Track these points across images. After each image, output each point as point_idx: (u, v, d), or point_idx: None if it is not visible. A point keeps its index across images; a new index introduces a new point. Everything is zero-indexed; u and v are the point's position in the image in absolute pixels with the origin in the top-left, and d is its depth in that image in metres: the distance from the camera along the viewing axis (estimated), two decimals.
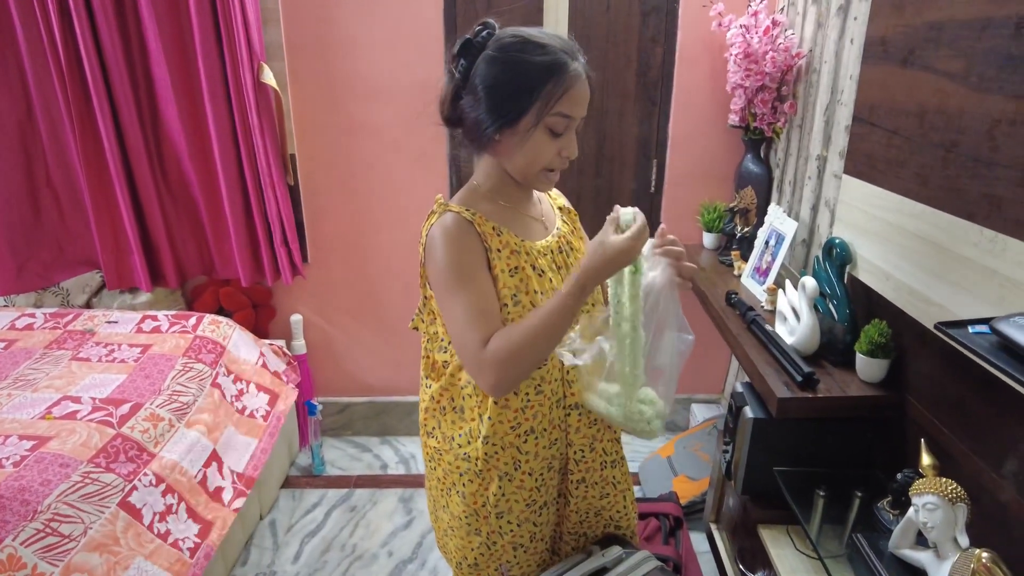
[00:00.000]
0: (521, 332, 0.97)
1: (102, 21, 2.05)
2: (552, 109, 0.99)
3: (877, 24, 1.48)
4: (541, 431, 1.13)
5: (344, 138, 2.36)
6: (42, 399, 1.75)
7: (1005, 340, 0.89)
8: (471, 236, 1.04)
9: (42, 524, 1.35)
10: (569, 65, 0.99)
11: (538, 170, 1.05)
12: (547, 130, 1.01)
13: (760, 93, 2.05)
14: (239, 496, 1.86)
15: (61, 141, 2.27)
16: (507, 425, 1.11)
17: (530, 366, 1.00)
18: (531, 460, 1.14)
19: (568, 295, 0.97)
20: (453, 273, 1.02)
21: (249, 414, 2.11)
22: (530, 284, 1.06)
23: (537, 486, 1.17)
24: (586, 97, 1.02)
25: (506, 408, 1.10)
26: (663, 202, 2.45)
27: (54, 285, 2.44)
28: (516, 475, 1.14)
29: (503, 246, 1.06)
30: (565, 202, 1.28)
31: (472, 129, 1.05)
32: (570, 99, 0.99)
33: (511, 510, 1.16)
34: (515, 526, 1.18)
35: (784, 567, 1.41)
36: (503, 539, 1.19)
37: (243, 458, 1.98)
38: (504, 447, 1.12)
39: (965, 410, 1.20)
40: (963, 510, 1.05)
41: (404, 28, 2.23)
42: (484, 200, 1.10)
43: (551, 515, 1.23)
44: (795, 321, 1.55)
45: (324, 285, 2.56)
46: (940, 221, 1.24)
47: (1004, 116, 1.08)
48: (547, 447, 1.15)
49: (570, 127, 1.03)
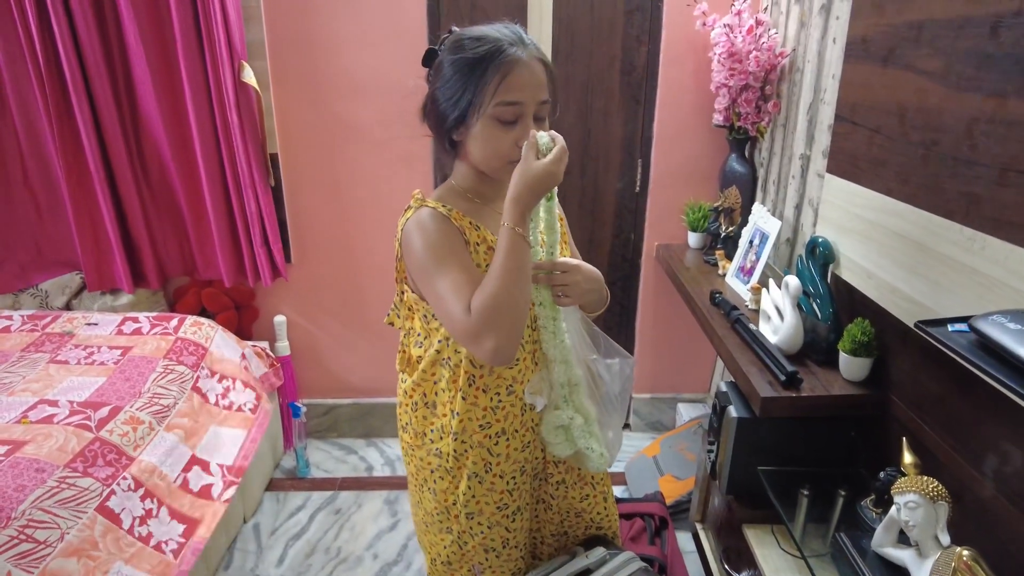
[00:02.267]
0: (492, 279, 0.95)
1: (80, 17, 2.02)
2: (493, 99, 0.96)
3: (858, 24, 1.49)
4: (513, 432, 1.13)
5: (328, 138, 2.34)
6: (18, 403, 1.72)
7: (983, 338, 0.89)
8: (449, 227, 1.04)
9: (16, 531, 1.33)
10: (505, 51, 0.96)
11: (502, 164, 1.03)
12: (496, 121, 0.98)
13: (744, 92, 2.05)
14: (229, 486, 1.85)
15: (38, 139, 2.23)
16: (476, 423, 1.10)
17: (515, 312, 0.96)
18: (503, 463, 1.13)
19: (513, 226, 0.95)
20: (432, 255, 1.01)
21: (237, 408, 2.09)
22: None
23: (509, 489, 1.16)
24: (533, 81, 0.98)
25: (475, 406, 1.09)
26: (648, 201, 2.45)
27: (32, 287, 2.40)
28: (487, 477, 1.14)
29: (480, 241, 1.06)
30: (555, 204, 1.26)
31: (436, 131, 1.07)
32: (510, 85, 0.96)
33: (481, 512, 1.16)
34: (486, 528, 1.17)
35: (769, 567, 1.41)
36: (473, 540, 1.18)
37: (232, 451, 1.95)
38: (473, 446, 1.11)
39: (946, 408, 1.21)
40: (944, 508, 1.05)
41: (388, 27, 2.21)
42: (460, 198, 1.11)
43: (525, 521, 1.22)
44: (779, 320, 1.55)
45: (308, 286, 2.54)
46: (921, 220, 1.24)
47: (982, 115, 1.08)
48: (519, 450, 1.14)
49: (524, 115, 0.99)
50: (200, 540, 1.66)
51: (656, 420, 2.76)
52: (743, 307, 1.78)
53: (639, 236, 2.51)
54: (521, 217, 0.96)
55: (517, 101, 0.98)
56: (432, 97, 1.05)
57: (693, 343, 2.61)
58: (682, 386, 2.73)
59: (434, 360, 1.12)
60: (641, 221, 2.49)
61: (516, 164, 0.99)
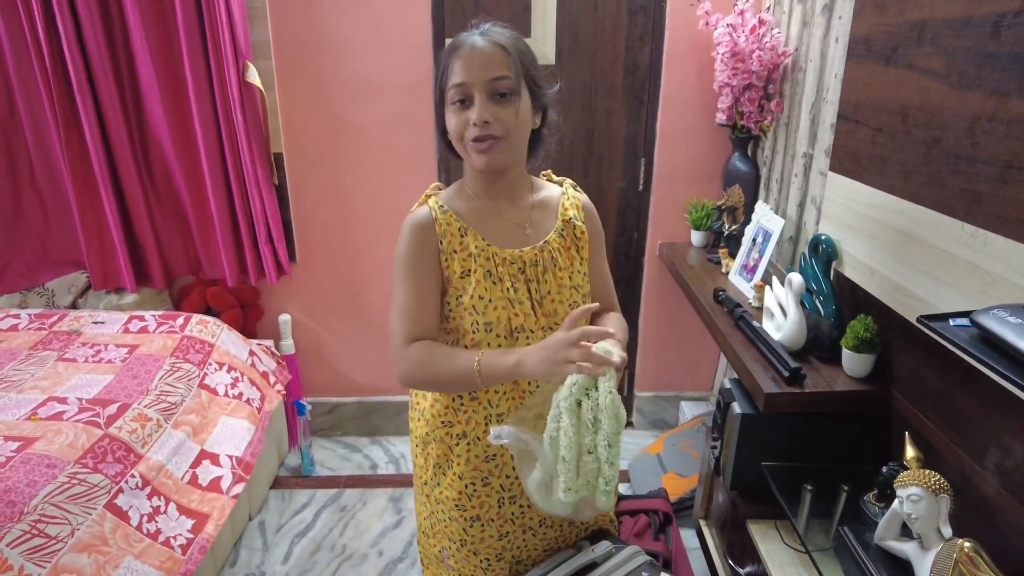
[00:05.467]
0: (437, 366, 1.04)
1: (86, 18, 2.04)
2: (448, 85, 1.03)
3: (861, 23, 1.50)
4: (475, 439, 1.14)
5: (332, 137, 2.36)
6: (28, 400, 1.73)
7: (985, 332, 0.90)
8: (428, 233, 1.08)
9: (28, 525, 1.34)
10: (459, 39, 1.03)
11: (461, 144, 1.06)
12: (452, 105, 1.03)
13: (747, 92, 2.06)
14: (238, 482, 1.86)
15: (45, 140, 2.25)
16: (437, 420, 1.16)
17: (440, 387, 1.11)
18: (461, 464, 1.15)
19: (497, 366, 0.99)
20: (401, 266, 1.09)
21: (246, 400, 2.10)
22: (477, 289, 1.07)
23: (468, 494, 1.16)
24: (479, 61, 1.00)
25: (438, 401, 1.16)
26: (651, 200, 2.46)
27: (39, 286, 2.42)
28: (449, 472, 1.17)
29: (461, 248, 1.08)
30: (575, 216, 1.17)
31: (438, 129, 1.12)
32: (455, 68, 1.01)
33: (442, 503, 1.20)
34: (447, 519, 1.20)
35: (772, 561, 1.42)
36: (438, 525, 1.23)
37: (242, 443, 1.97)
38: (436, 439, 1.17)
39: (948, 403, 1.22)
40: (946, 501, 1.06)
41: (393, 27, 2.23)
42: (465, 198, 1.13)
43: (487, 536, 1.19)
44: (782, 317, 1.56)
45: (313, 285, 2.56)
46: (923, 217, 1.26)
47: (983, 113, 1.09)
48: (482, 458, 1.14)
49: (477, 96, 1.00)
50: (207, 537, 1.67)
51: (659, 418, 2.77)
52: (746, 304, 1.80)
53: (642, 235, 2.53)
54: (509, 370, 0.98)
55: (462, 82, 1.01)
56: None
57: (696, 341, 2.62)
58: (685, 384, 2.75)
59: None
60: (644, 220, 2.50)
61: (476, 144, 1.02)
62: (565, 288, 1.13)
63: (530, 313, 1.10)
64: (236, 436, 1.96)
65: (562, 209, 1.17)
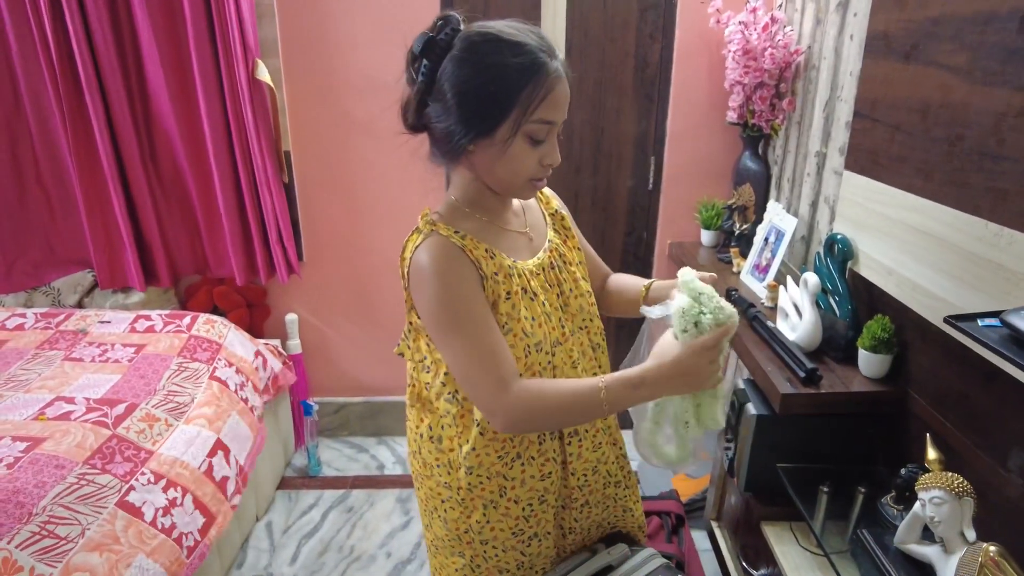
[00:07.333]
0: (552, 406, 0.93)
1: (94, 15, 2.03)
2: (532, 116, 0.90)
3: (879, 19, 1.48)
4: (529, 459, 1.06)
5: (340, 135, 2.34)
6: (35, 400, 1.72)
7: (1016, 332, 0.88)
8: (464, 265, 0.95)
9: (38, 526, 1.33)
10: (548, 66, 0.91)
11: (522, 183, 0.97)
12: (527, 138, 0.92)
13: (759, 90, 2.04)
14: (237, 492, 1.84)
15: (51, 138, 2.23)
16: (494, 455, 1.04)
17: (554, 427, 1.02)
18: (517, 487, 1.07)
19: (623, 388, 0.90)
20: (448, 312, 0.94)
21: (250, 407, 2.09)
22: (520, 310, 0.99)
23: (525, 516, 1.09)
24: (567, 99, 0.94)
25: (494, 440, 1.04)
26: (661, 199, 2.44)
27: (45, 285, 2.41)
28: (501, 502, 1.08)
29: (497, 270, 0.98)
30: (559, 205, 1.17)
31: (442, 140, 0.97)
32: (551, 104, 0.91)
33: (496, 537, 1.10)
34: (500, 551, 1.12)
35: (788, 564, 1.41)
36: (487, 563, 1.14)
37: (244, 450, 1.95)
38: (490, 476, 1.05)
39: (968, 405, 1.20)
40: (970, 504, 1.04)
41: (400, 24, 2.21)
42: (464, 216, 1.02)
43: (544, 548, 1.15)
44: (797, 317, 1.55)
45: (320, 284, 2.54)
46: (944, 216, 1.24)
47: (1010, 109, 1.07)
48: (537, 478, 1.07)
49: (552, 133, 0.94)
50: (207, 544, 1.65)
51: None
52: (759, 305, 1.78)
53: (652, 234, 2.51)
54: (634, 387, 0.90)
55: (554, 120, 0.93)
56: (441, 98, 0.95)
57: None
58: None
59: (439, 393, 1.06)
60: (654, 219, 2.48)
61: (536, 182, 0.98)
62: (580, 282, 1.11)
63: (562, 319, 1.06)
64: (241, 440, 1.95)
65: (544, 201, 1.16)
